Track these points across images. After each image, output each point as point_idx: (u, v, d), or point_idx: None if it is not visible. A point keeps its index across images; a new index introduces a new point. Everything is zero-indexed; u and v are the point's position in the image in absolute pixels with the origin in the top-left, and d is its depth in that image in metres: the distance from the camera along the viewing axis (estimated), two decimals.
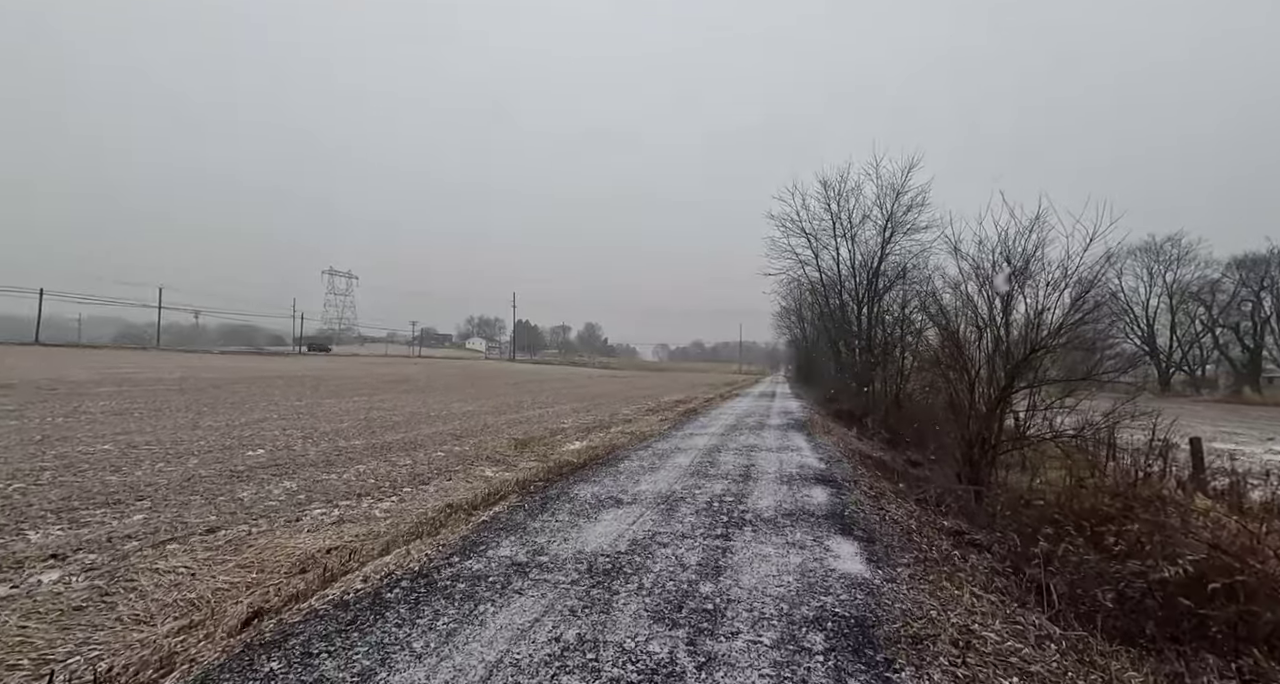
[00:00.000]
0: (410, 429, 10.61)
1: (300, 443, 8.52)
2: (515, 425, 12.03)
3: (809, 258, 22.49)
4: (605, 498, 5.09)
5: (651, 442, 9.35)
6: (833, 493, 5.54)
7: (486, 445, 9.25)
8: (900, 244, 19.55)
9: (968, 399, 6.84)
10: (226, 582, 3.54)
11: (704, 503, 4.96)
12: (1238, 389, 41.46)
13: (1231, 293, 45.34)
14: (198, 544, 4.23)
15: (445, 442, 9.36)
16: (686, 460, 7.34)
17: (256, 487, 6.04)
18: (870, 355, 18.12)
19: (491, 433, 10.63)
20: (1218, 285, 45.98)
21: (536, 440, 10.02)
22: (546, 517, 4.40)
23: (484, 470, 7.48)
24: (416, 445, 8.82)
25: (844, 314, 22.08)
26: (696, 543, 3.78)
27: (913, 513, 5.11)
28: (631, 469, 6.62)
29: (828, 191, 21.03)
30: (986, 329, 6.52)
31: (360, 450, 8.19)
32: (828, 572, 3.30)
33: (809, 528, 4.23)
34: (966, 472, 6.77)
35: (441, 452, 8.43)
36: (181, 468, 6.51)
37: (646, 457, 7.58)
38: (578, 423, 13.07)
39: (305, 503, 5.57)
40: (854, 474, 6.84)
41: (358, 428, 10.31)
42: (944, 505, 5.75)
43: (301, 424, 10.40)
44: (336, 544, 4.40)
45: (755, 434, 10.51)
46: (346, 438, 9.18)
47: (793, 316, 40.15)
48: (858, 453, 9.12)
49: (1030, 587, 3.50)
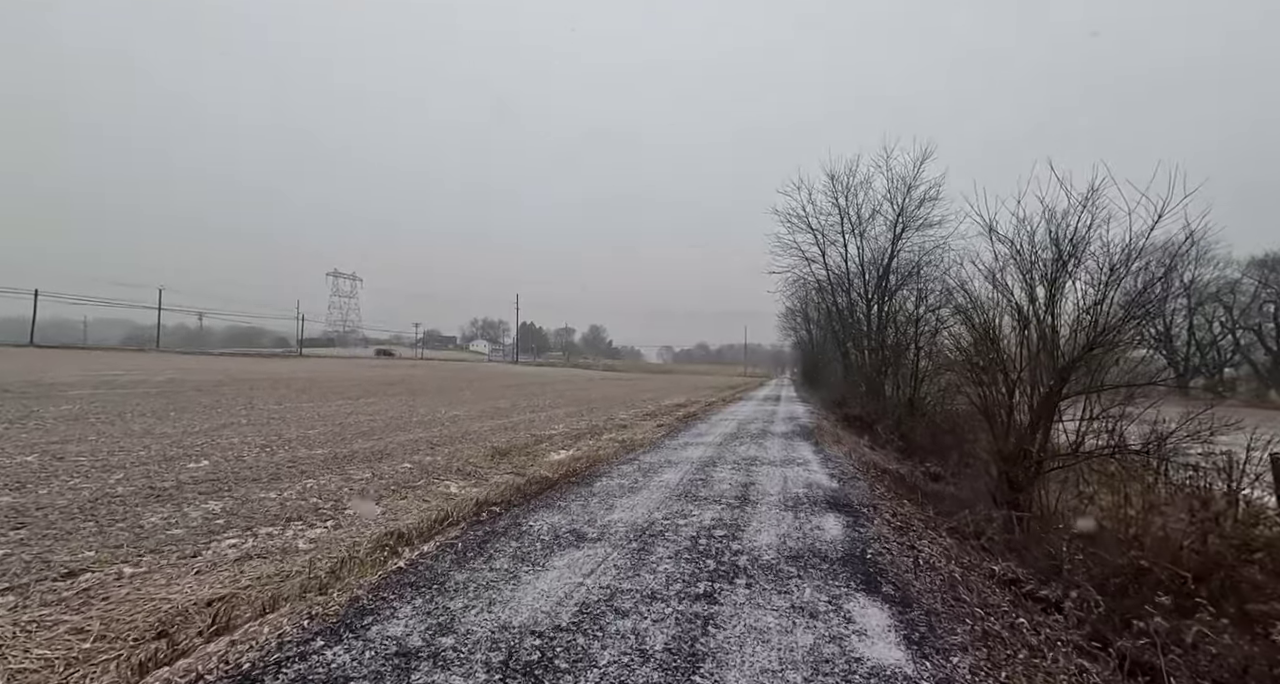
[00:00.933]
0: (385, 436, 9.72)
1: (255, 453, 7.65)
2: (500, 432, 11.13)
3: (815, 255, 21.40)
4: (565, 532, 4.07)
5: (640, 453, 8.34)
6: (849, 523, 4.51)
7: (462, 455, 8.35)
8: (912, 240, 18.50)
9: (1006, 406, 5.79)
10: (40, 659, 2.55)
11: (687, 539, 3.94)
12: (1261, 393, 40.00)
13: (1252, 294, 43.91)
14: (39, 595, 3.24)
15: (418, 450, 8.46)
16: (676, 477, 6.32)
17: (172, 509, 5.10)
18: (882, 356, 17.03)
19: (472, 441, 9.71)
20: (1237, 286, 44.52)
21: (518, 449, 9.07)
22: (480, 562, 3.39)
23: (448, 486, 6.54)
24: (384, 455, 7.91)
25: (853, 314, 20.98)
26: (669, 609, 2.76)
27: (950, 551, 4.07)
28: (609, 489, 5.60)
29: (835, 185, 19.95)
30: (1030, 324, 5.48)
31: (319, 461, 7.29)
32: (851, 664, 2.28)
33: (822, 580, 3.20)
34: (1003, 492, 5.72)
35: (409, 463, 7.51)
36: (98, 485, 5.64)
37: (630, 473, 6.57)
38: (569, 429, 12.13)
39: (220, 530, 4.63)
40: (871, 495, 5.81)
41: (326, 435, 9.41)
42: (985, 537, 4.71)
43: (267, 431, 9.49)
44: (225, 593, 3.42)
45: (757, 444, 9.47)
46: (310, 446, 8.28)
47: (798, 317, 39.04)
48: (872, 466, 8.07)
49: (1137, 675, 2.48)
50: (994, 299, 5.91)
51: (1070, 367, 5.14)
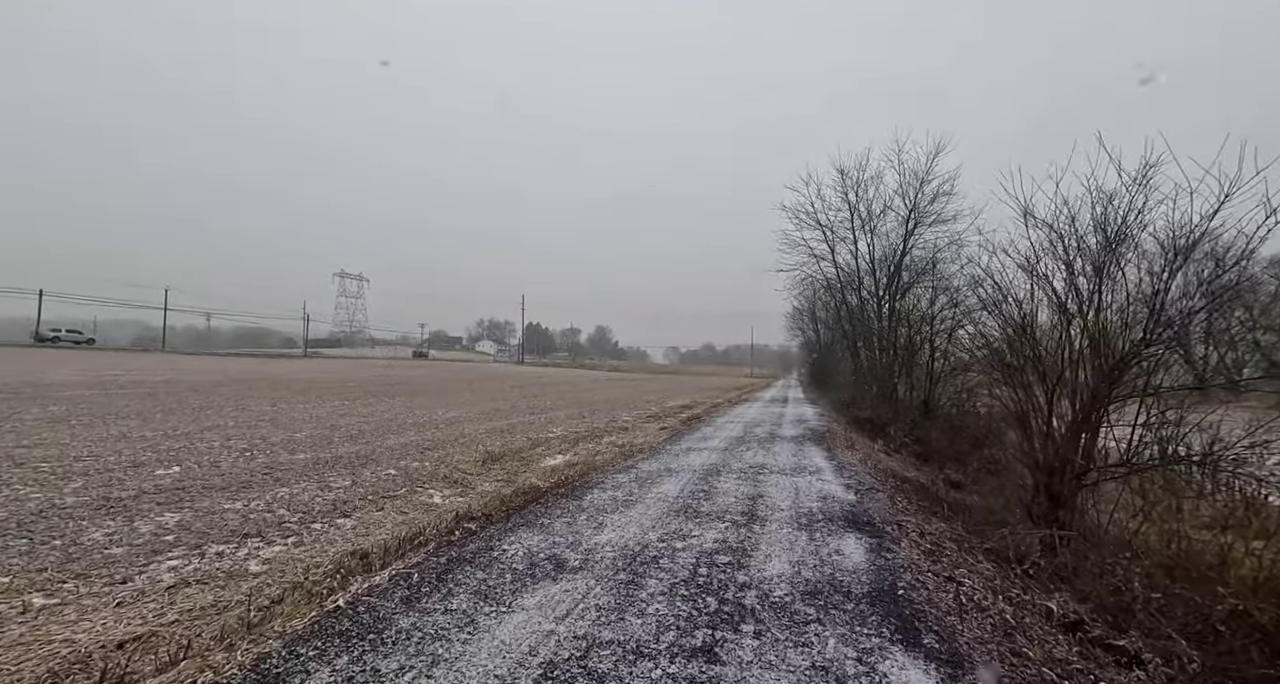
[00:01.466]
0: (374, 439, 9.26)
1: (232, 458, 7.26)
2: (496, 435, 10.63)
3: (824, 252, 20.78)
4: (544, 558, 3.50)
5: (639, 459, 7.76)
6: (873, 546, 3.91)
7: (452, 460, 7.88)
8: (924, 236, 17.82)
9: (1043, 409, 5.17)
10: None
11: (686, 569, 3.35)
12: None
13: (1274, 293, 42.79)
14: None
15: (407, 455, 7.99)
16: (675, 488, 5.73)
17: (121, 522, 4.62)
18: (895, 356, 16.36)
19: (465, 444, 9.23)
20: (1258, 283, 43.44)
21: (513, 454, 8.56)
22: (435, 600, 2.82)
23: (431, 496, 6.04)
24: (370, 460, 7.46)
25: (863, 312, 20.32)
26: (658, 671, 2.18)
27: (994, 582, 3.46)
28: (600, 504, 5.02)
29: (845, 180, 19.33)
30: (1073, 318, 4.86)
31: (299, 467, 6.87)
32: None
33: (848, 628, 2.61)
34: (1041, 507, 5.09)
35: (394, 469, 7.03)
36: (50, 494, 5.24)
37: (626, 483, 5.99)
38: (568, 432, 11.60)
39: (165, 549, 4.14)
40: (894, 509, 5.20)
41: (313, 438, 8.96)
42: (1028, 562, 4.09)
43: (252, 434, 9.06)
44: (142, 631, 2.90)
45: (765, 449, 8.86)
46: (292, 451, 7.83)
47: (805, 318, 38.35)
48: (890, 474, 7.46)
49: None
50: (1029, 291, 5.29)
51: (1121, 365, 4.52)
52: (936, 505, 5.96)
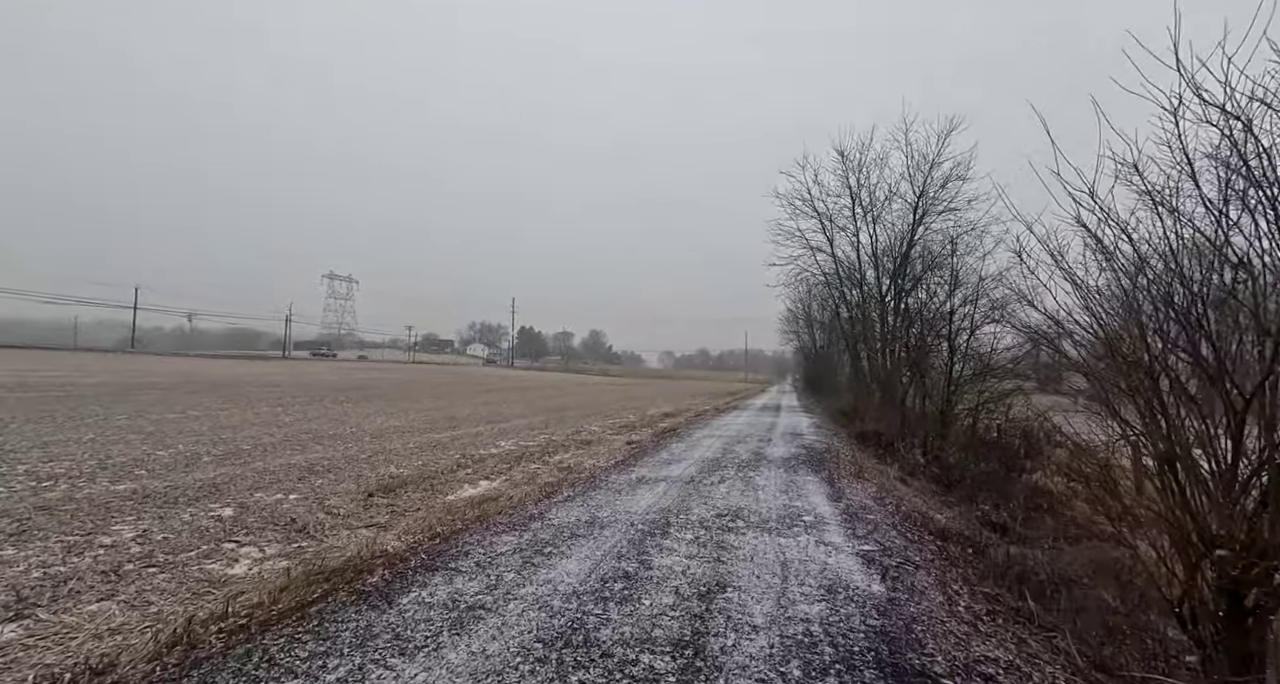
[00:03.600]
0: (259, 458, 7.30)
1: (30, 484, 5.53)
2: (424, 451, 8.62)
3: (822, 243, 18.61)
4: None
5: (558, 502, 5.54)
6: None
7: (332, 489, 5.90)
8: (934, 226, 15.69)
9: (1225, 451, 2.99)
10: None
11: None
12: None
13: None
14: None
15: (276, 482, 6.26)
16: (584, 568, 3.52)
17: None
18: (904, 357, 14.17)
19: (371, 465, 7.26)
20: None
21: (422, 480, 6.50)
22: None
23: (233, 563, 4.04)
24: (215, 490, 5.90)
25: (865, 310, 18.15)
26: None
27: None
28: (443, 601, 2.83)
29: (845, 163, 17.18)
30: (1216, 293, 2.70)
31: (98, 501, 5.07)
32: None
33: None
34: (1208, 614, 2.90)
35: (232, 508, 5.18)
36: None
37: (506, 556, 3.77)
38: (517, 446, 9.50)
39: None
40: (950, 611, 3.02)
41: (175, 458, 7.08)
42: None
43: (106, 450, 7.25)
44: None
45: (744, 480, 6.65)
46: (133, 476, 6.02)
47: (800, 321, 36.27)
48: (920, 524, 5.25)
49: None
50: (1162, 239, 3.10)
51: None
52: (1007, 586, 3.75)
